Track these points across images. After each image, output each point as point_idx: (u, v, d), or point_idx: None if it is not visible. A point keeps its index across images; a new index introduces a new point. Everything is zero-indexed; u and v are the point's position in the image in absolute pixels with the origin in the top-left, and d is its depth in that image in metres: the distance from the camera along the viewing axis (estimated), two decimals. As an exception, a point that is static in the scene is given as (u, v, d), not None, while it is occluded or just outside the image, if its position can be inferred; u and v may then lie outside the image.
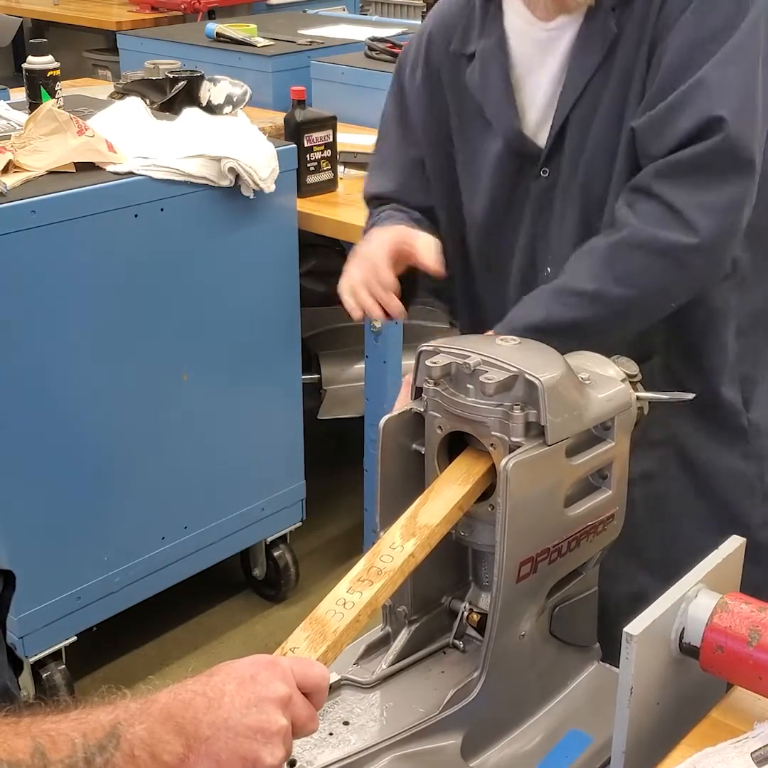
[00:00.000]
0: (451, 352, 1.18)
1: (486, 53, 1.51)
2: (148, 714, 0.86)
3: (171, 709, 0.86)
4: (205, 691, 0.88)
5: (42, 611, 2.27)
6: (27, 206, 2.07)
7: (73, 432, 2.27)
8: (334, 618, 1.02)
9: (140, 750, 0.84)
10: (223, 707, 0.87)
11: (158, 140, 2.38)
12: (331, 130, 2.69)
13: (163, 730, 0.85)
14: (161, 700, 0.87)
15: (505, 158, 1.52)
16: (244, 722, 0.87)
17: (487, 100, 1.52)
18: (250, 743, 0.87)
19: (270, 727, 0.88)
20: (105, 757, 0.83)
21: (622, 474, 1.25)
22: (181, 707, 0.87)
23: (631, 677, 1.03)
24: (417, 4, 5.27)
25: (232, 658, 0.93)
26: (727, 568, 1.14)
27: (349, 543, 3.07)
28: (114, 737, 0.84)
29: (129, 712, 0.86)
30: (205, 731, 0.86)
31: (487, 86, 1.51)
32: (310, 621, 1.03)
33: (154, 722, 0.85)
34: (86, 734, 0.84)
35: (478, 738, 1.19)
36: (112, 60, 4.84)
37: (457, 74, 1.55)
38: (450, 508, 1.14)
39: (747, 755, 1.02)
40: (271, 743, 0.87)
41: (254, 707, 0.88)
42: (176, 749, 0.85)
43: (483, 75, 1.51)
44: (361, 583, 1.06)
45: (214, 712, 0.87)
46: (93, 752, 0.83)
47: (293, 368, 2.73)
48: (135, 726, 0.85)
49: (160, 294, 2.35)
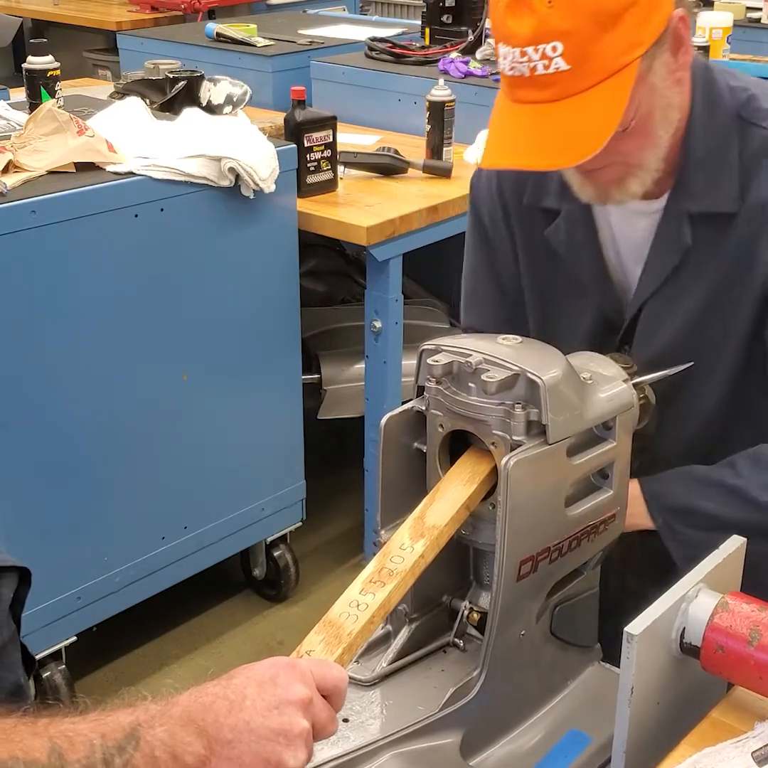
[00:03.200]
0: (452, 351, 1.18)
1: (572, 217, 1.48)
2: (168, 716, 0.85)
3: (192, 711, 0.86)
4: (226, 694, 0.88)
5: (42, 611, 2.27)
6: (27, 206, 2.07)
7: (72, 431, 2.27)
8: (348, 620, 1.02)
9: (161, 751, 0.83)
10: (245, 710, 0.87)
11: (158, 140, 2.38)
12: (331, 130, 2.69)
13: (184, 732, 0.85)
14: (182, 703, 0.87)
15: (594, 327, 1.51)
16: (266, 725, 0.86)
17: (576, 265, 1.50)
18: (273, 746, 0.86)
19: (292, 730, 0.87)
20: (124, 758, 0.82)
21: (624, 474, 1.25)
22: (202, 710, 0.86)
23: (631, 677, 1.03)
24: (417, 4, 5.27)
25: (233, 657, 0.93)
26: (727, 568, 1.14)
27: (349, 543, 3.07)
28: (134, 738, 0.83)
29: (149, 714, 0.85)
30: (227, 734, 0.85)
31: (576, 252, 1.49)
32: (324, 624, 1.02)
33: (174, 724, 0.85)
34: (105, 735, 0.84)
35: (478, 736, 1.19)
36: (112, 60, 4.83)
37: (530, 224, 1.53)
38: (457, 509, 1.14)
39: (747, 755, 1.02)
40: (293, 745, 0.87)
41: (276, 710, 0.87)
42: (198, 750, 0.84)
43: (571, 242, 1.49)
44: (373, 585, 1.06)
45: (236, 715, 0.86)
46: (112, 753, 0.83)
47: (293, 368, 2.73)
48: (155, 728, 0.84)
49: (160, 294, 2.35)
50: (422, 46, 3.48)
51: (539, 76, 1.23)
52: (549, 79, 1.23)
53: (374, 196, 2.72)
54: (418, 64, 3.36)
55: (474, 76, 3.14)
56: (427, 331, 3.04)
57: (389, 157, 2.85)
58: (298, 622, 2.82)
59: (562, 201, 1.48)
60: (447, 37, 3.46)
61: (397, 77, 3.30)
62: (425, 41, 3.53)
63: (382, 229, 2.55)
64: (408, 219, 2.61)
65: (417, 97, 3.05)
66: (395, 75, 3.31)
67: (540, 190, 1.50)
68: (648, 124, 1.31)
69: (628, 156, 1.33)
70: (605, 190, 1.38)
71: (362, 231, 2.53)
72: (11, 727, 0.85)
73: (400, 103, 3.25)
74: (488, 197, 1.58)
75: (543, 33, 1.21)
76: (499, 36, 1.26)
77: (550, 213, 1.51)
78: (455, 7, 3.50)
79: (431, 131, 2.84)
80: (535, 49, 1.21)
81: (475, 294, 1.67)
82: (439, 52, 3.39)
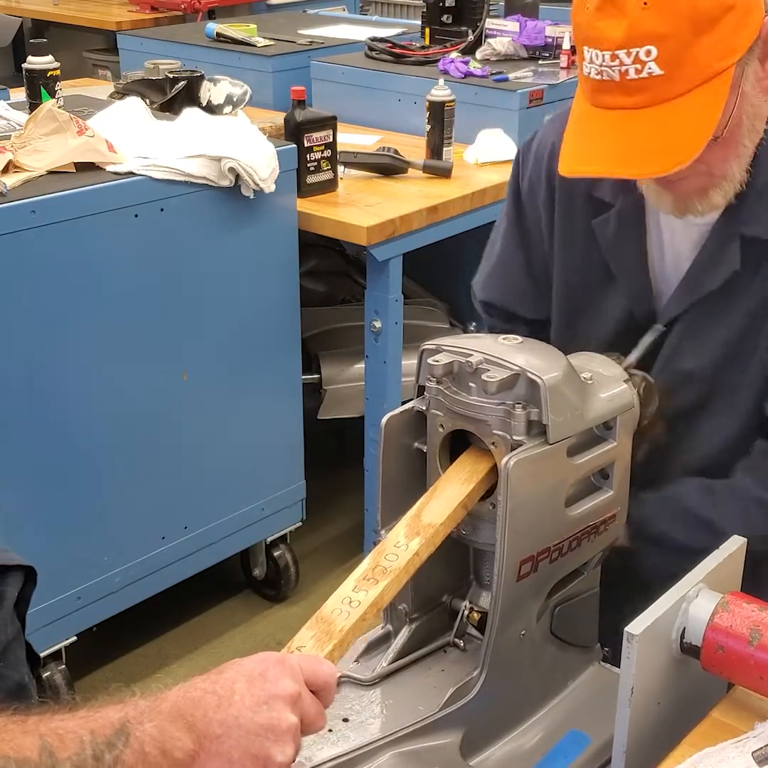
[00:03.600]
0: (453, 351, 1.18)
1: (624, 215, 1.46)
2: (157, 712, 0.85)
3: (181, 707, 0.86)
4: (215, 689, 0.88)
5: (42, 611, 2.27)
6: (27, 206, 2.07)
7: (72, 431, 2.27)
8: (340, 617, 1.02)
9: (150, 746, 0.83)
10: (234, 705, 0.87)
11: (158, 140, 2.38)
12: (331, 130, 2.69)
13: (174, 727, 0.85)
14: (171, 698, 0.87)
15: (624, 320, 1.49)
16: (255, 720, 0.87)
17: (617, 261, 1.48)
18: (261, 741, 0.86)
19: (280, 725, 0.87)
20: (114, 753, 0.83)
21: (624, 474, 1.25)
22: (191, 705, 0.86)
23: (632, 677, 1.03)
24: (417, 4, 5.27)
25: (233, 657, 0.93)
26: (727, 568, 1.14)
27: (349, 543, 3.07)
28: (123, 734, 0.83)
29: (138, 710, 0.86)
30: (216, 729, 0.86)
31: (620, 254, 1.48)
32: (316, 620, 1.03)
33: (163, 720, 0.85)
34: (95, 731, 0.84)
35: (478, 736, 1.19)
36: (112, 60, 4.83)
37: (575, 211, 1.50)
38: (454, 507, 1.14)
39: (748, 755, 1.02)
40: (281, 741, 0.87)
41: (264, 705, 0.87)
42: (187, 746, 0.85)
43: (619, 239, 1.47)
44: (366, 582, 1.06)
45: (225, 710, 0.86)
46: (102, 749, 0.83)
47: (293, 368, 2.73)
48: (144, 723, 0.84)
49: (160, 294, 2.35)
50: (422, 46, 3.48)
51: (630, 81, 1.19)
52: (640, 84, 1.19)
53: (374, 196, 2.72)
54: (418, 64, 3.36)
55: (474, 76, 3.14)
56: (427, 331, 3.04)
57: (389, 157, 2.85)
58: (298, 622, 2.78)
59: (617, 195, 1.45)
60: (447, 37, 3.46)
61: (397, 77, 3.30)
62: (425, 41, 3.53)
63: (382, 229, 2.55)
64: (408, 219, 2.61)
65: (417, 97, 3.05)
66: (395, 75, 3.31)
67: (594, 179, 1.46)
68: (736, 134, 1.28)
69: (713, 166, 1.29)
70: (685, 201, 1.35)
71: (362, 231, 2.54)
72: (1, 725, 0.85)
73: (400, 103, 3.24)
74: (535, 176, 1.54)
75: (637, 36, 1.17)
76: (587, 39, 1.22)
77: (601, 204, 1.47)
78: (455, 7, 3.49)
79: (431, 131, 2.84)
80: (627, 53, 1.18)
81: (502, 267, 1.63)
82: (439, 52, 3.39)
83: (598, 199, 1.48)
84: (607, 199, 1.47)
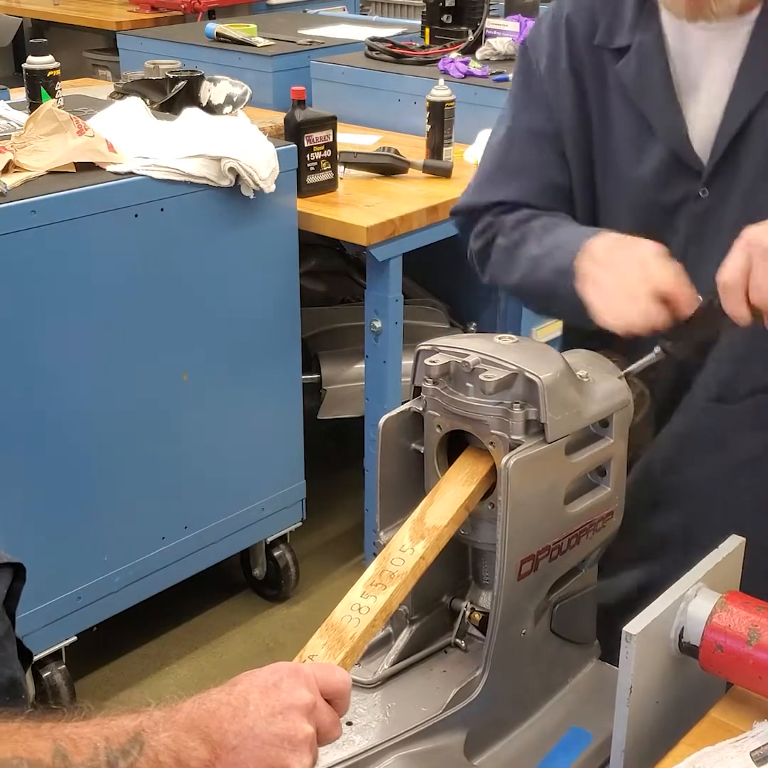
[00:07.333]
0: (449, 351, 1.18)
1: (644, 49, 1.40)
2: (172, 722, 0.85)
3: (196, 717, 0.86)
4: (230, 700, 0.87)
5: (42, 611, 2.27)
6: (27, 206, 2.07)
7: (72, 432, 2.27)
8: (350, 624, 1.02)
9: (165, 756, 0.83)
10: (249, 716, 0.86)
11: (158, 140, 2.38)
12: (331, 130, 2.69)
13: (189, 737, 0.84)
14: (185, 709, 0.87)
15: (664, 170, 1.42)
16: (270, 730, 0.86)
17: (646, 101, 1.42)
18: (278, 751, 0.86)
19: (297, 735, 0.87)
20: (128, 761, 0.82)
21: (621, 471, 1.25)
22: (206, 716, 0.86)
23: (630, 676, 1.03)
24: (417, 4, 5.27)
25: (233, 657, 0.93)
26: (726, 568, 1.14)
27: (349, 543, 3.08)
28: (138, 743, 0.83)
29: (153, 720, 0.85)
30: (232, 740, 0.85)
31: (646, 86, 1.41)
32: (326, 627, 1.02)
33: (178, 730, 0.85)
34: (109, 739, 0.83)
35: (481, 736, 1.19)
36: (112, 60, 4.83)
37: (601, 67, 1.45)
38: (456, 509, 1.14)
39: (746, 754, 1.02)
40: (298, 751, 0.87)
41: (280, 715, 0.87)
42: (203, 755, 0.84)
43: (641, 73, 1.41)
44: (374, 587, 1.06)
45: (240, 720, 0.86)
46: (116, 756, 0.82)
47: (293, 368, 2.73)
48: (159, 733, 0.84)
49: (160, 294, 2.35)
50: (422, 46, 3.48)
51: None
52: None
53: (374, 196, 2.72)
54: (418, 64, 3.36)
55: (474, 76, 3.14)
56: (427, 331, 3.04)
57: (389, 157, 2.85)
58: (298, 622, 2.82)
59: (635, 34, 1.41)
60: (447, 37, 3.46)
61: (397, 77, 3.30)
62: (425, 41, 3.53)
63: (382, 229, 2.56)
64: (408, 219, 2.61)
65: (417, 97, 3.05)
66: (395, 75, 3.31)
67: (612, 29, 1.43)
68: None
69: None
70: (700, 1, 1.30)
71: (362, 231, 2.54)
72: (15, 729, 0.85)
73: (400, 103, 3.25)
74: (552, 45, 1.49)
75: None
76: None
77: (622, 51, 1.43)
78: (455, 7, 3.49)
79: (431, 131, 2.84)
80: None
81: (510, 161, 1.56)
82: (439, 52, 3.39)
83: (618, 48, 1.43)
84: (624, 44, 1.43)
